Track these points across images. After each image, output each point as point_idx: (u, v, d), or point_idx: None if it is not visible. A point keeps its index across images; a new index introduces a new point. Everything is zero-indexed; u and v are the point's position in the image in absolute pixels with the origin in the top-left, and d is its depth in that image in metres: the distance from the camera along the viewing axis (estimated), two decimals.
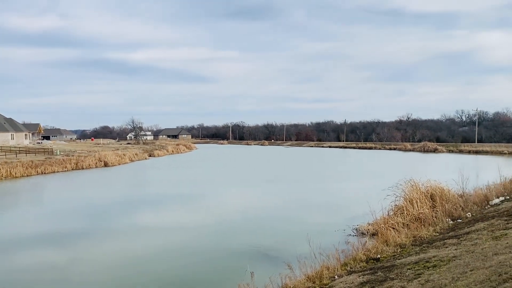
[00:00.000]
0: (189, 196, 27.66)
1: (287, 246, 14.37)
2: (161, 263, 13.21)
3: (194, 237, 16.48)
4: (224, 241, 15.74)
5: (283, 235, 16.22)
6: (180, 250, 14.76)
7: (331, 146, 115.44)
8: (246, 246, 14.76)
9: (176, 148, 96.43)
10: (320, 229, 17.26)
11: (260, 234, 16.73)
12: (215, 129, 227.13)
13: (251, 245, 14.79)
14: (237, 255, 13.59)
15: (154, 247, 15.03)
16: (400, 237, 14.02)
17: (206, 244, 15.37)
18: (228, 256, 13.52)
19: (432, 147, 79.75)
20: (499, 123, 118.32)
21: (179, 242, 15.87)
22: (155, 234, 17.17)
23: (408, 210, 17.69)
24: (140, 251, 14.62)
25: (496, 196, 19.75)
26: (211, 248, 14.72)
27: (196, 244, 15.48)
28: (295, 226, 18.02)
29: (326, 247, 13.49)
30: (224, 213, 21.55)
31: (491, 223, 12.78)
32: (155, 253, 14.25)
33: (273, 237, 16.02)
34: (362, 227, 16.99)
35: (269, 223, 18.93)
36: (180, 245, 15.35)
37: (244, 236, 16.42)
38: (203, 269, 12.49)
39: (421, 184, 20.10)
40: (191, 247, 15.03)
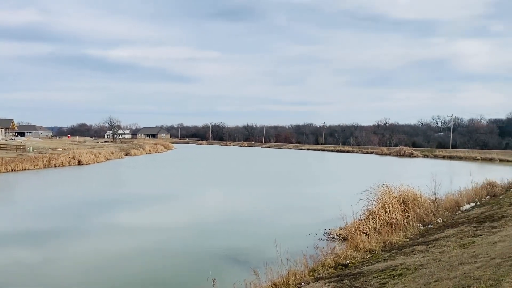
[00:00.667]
0: (160, 197, 27.05)
1: (256, 251, 14.05)
2: (119, 265, 12.72)
3: (161, 240, 16.00)
4: (191, 244, 15.32)
5: (253, 239, 15.90)
6: (144, 253, 14.27)
7: (309, 148, 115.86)
8: (214, 250, 14.37)
9: (154, 147, 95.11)
10: (292, 233, 17.03)
11: (230, 237, 16.37)
12: (195, 129, 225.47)
13: (220, 249, 14.42)
14: (203, 259, 13.18)
15: (114, 250, 14.51)
16: (371, 242, 13.87)
17: (172, 247, 14.93)
18: (194, 261, 13.07)
19: (408, 152, 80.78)
20: (473, 129, 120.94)
21: (144, 245, 15.36)
22: (119, 236, 16.63)
23: (380, 214, 17.62)
24: (101, 253, 14.09)
25: (467, 202, 19.89)
26: (176, 251, 14.29)
27: (163, 247, 15.02)
28: (266, 229, 17.72)
29: (296, 252, 13.23)
30: (193, 215, 21.09)
31: (460, 229, 12.75)
32: (116, 256, 13.74)
33: (243, 241, 15.69)
34: (334, 231, 16.82)
35: (240, 226, 18.59)
36: (144, 248, 14.85)
37: (213, 239, 16.01)
38: (165, 274, 12.04)
39: (394, 188, 20.09)
40: (156, 250, 14.57)
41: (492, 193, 21.48)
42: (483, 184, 23.26)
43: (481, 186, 22.76)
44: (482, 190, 21.81)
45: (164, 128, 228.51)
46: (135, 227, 18.24)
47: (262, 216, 21.20)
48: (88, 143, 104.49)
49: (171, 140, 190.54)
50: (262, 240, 15.43)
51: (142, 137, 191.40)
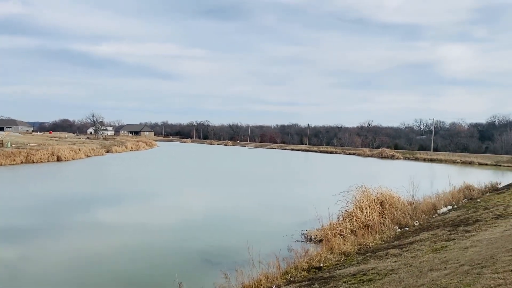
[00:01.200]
0: (133, 196, 26.45)
1: (230, 253, 13.75)
2: (78, 266, 12.32)
3: (129, 241, 15.54)
4: (162, 245, 14.91)
5: (228, 240, 15.59)
6: (110, 254, 13.84)
7: (293, 149, 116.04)
8: (185, 251, 14.00)
9: (136, 145, 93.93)
10: (268, 234, 16.81)
11: (204, 238, 16.01)
12: (180, 127, 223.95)
13: (191, 251, 14.07)
14: (173, 261, 12.78)
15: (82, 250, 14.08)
16: (346, 244, 13.72)
17: (142, 248, 14.46)
18: (162, 263, 12.63)
19: (390, 154, 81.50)
20: (455, 133, 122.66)
21: (112, 245, 14.93)
22: (82, 235, 16.17)
23: (357, 216, 17.53)
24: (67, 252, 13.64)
25: (445, 204, 19.96)
26: (145, 252, 13.83)
27: (131, 248, 14.55)
28: (243, 230, 17.46)
29: (270, 254, 12.98)
30: (166, 215, 20.64)
31: (435, 233, 12.69)
32: (76, 257, 13.32)
33: (217, 242, 15.36)
34: (310, 232, 16.65)
35: (216, 227, 18.25)
36: (111, 249, 14.42)
37: (186, 241, 15.61)
38: (131, 276, 11.63)
39: (372, 190, 20.05)
40: (124, 251, 14.14)
41: (469, 196, 21.62)
42: (460, 188, 23.40)
43: (458, 190, 22.90)
44: (460, 194, 21.93)
45: (148, 126, 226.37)
46: (103, 227, 17.78)
47: (239, 216, 20.92)
48: (69, 139, 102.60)
49: (154, 137, 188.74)
50: (237, 242, 15.12)
51: (125, 134, 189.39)
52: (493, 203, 16.89)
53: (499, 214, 13.23)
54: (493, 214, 13.63)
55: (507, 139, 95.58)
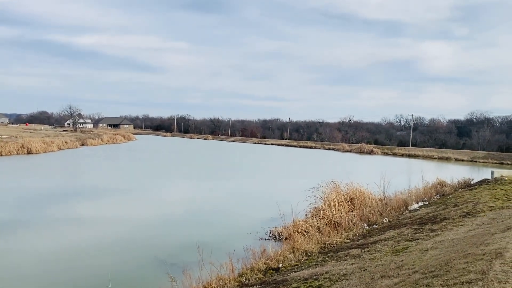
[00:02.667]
0: (89, 191, 25.32)
1: (182, 253, 12.80)
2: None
3: (62, 244, 14.59)
4: (108, 246, 13.86)
5: (187, 240, 14.59)
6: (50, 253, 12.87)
7: (273, 143, 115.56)
8: (133, 254, 12.93)
9: (113, 137, 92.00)
10: (232, 232, 16.04)
11: (161, 238, 15.06)
12: (160, 120, 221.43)
13: (137, 250, 13.10)
14: (110, 262, 11.73)
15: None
16: (309, 243, 13.05)
17: (83, 249, 13.50)
18: (95, 265, 11.56)
19: (368, 149, 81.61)
20: (433, 129, 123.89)
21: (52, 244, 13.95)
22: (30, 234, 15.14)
23: (325, 213, 16.91)
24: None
25: (416, 201, 19.52)
26: (85, 254, 12.81)
27: (62, 251, 13.62)
28: (205, 228, 16.60)
29: (230, 253, 12.21)
30: (123, 212, 19.55)
31: (401, 231, 12.11)
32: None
33: (175, 242, 14.42)
34: (277, 230, 15.89)
35: (177, 226, 17.30)
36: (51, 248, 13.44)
37: (136, 241, 14.46)
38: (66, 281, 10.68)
39: (343, 186, 19.46)
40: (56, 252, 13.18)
41: (442, 192, 21.26)
42: (433, 183, 23.07)
43: (431, 186, 22.55)
44: (432, 190, 21.56)
45: (128, 119, 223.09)
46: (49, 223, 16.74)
47: (204, 213, 19.97)
48: (45, 131, 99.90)
49: (134, 131, 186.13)
50: (196, 241, 14.14)
51: (103, 127, 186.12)
52: (464, 199, 16.47)
53: (468, 212, 12.74)
54: (462, 211, 13.13)
55: (483, 135, 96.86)
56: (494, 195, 15.75)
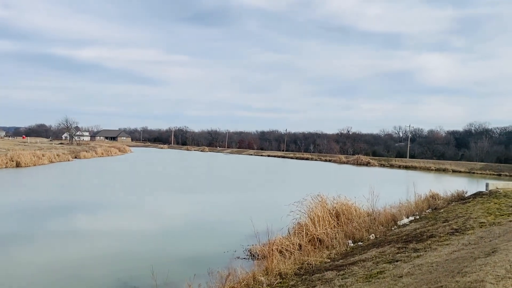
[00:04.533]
0: (68, 205, 24.39)
1: (142, 277, 11.75)
2: None
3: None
4: (81, 266, 12.97)
5: (148, 260, 13.58)
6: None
7: (270, 155, 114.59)
8: (108, 275, 12.06)
9: (107, 150, 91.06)
10: (207, 251, 14.99)
11: (132, 256, 14.06)
12: (158, 133, 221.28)
13: (110, 275, 12.14)
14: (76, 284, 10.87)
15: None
16: (287, 263, 12.05)
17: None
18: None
19: (365, 161, 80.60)
20: (432, 140, 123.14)
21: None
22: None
23: (308, 229, 15.91)
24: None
25: (406, 215, 18.51)
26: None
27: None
28: (176, 247, 15.53)
29: (202, 275, 11.26)
30: (98, 228, 18.58)
31: (383, 250, 11.13)
32: None
33: (149, 260, 13.36)
34: (255, 248, 14.83)
35: (152, 242, 16.25)
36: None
37: (113, 261, 13.60)
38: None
39: (330, 200, 18.49)
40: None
41: (434, 206, 20.24)
42: (426, 197, 22.07)
43: (423, 199, 21.56)
44: (424, 203, 20.54)
45: (126, 131, 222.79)
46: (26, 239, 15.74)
47: (178, 229, 18.74)
48: (40, 144, 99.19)
49: (131, 143, 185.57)
50: (158, 262, 13.18)
51: (101, 140, 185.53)
52: (455, 214, 15.49)
53: (456, 229, 11.77)
54: (450, 228, 12.16)
55: (482, 146, 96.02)
56: (487, 210, 14.78)
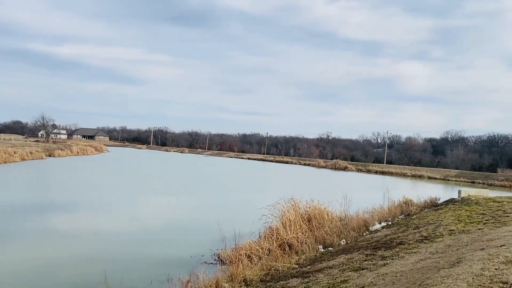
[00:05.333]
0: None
1: (109, 280, 11.21)
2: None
3: None
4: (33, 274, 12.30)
5: (120, 263, 13.04)
6: None
7: (250, 158, 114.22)
8: (55, 281, 11.41)
9: (83, 149, 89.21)
10: (173, 255, 14.46)
11: (86, 260, 13.30)
12: (138, 132, 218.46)
13: (57, 281, 11.49)
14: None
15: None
16: (254, 269, 11.69)
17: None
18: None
19: (343, 165, 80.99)
20: (409, 146, 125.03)
21: None
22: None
23: (279, 233, 15.56)
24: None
25: (379, 221, 18.39)
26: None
27: None
28: (140, 250, 14.91)
29: (160, 281, 10.76)
30: (51, 229, 17.78)
31: (351, 257, 10.85)
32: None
33: (104, 265, 12.75)
34: (224, 252, 14.35)
35: (111, 245, 15.47)
36: None
37: (63, 265, 12.75)
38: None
39: (303, 204, 18.21)
40: None
41: (407, 212, 20.18)
42: (399, 202, 22.03)
43: (397, 205, 21.49)
44: (397, 209, 20.45)
45: (105, 130, 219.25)
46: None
47: (147, 231, 18.08)
48: (14, 141, 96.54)
49: (109, 142, 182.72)
50: (123, 267, 12.60)
51: (78, 138, 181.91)
52: (426, 221, 15.38)
53: (426, 236, 11.59)
54: (420, 235, 11.98)
55: (457, 154, 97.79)
56: (458, 217, 14.71)
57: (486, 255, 6.05)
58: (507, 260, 5.44)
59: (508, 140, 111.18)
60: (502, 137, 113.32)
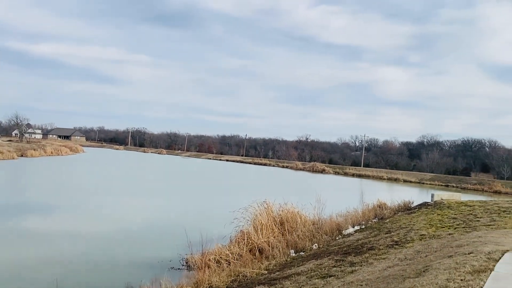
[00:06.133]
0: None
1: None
2: None
3: None
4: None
5: (76, 270, 12.39)
6: None
7: (228, 159, 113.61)
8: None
9: (57, 149, 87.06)
10: (139, 261, 13.93)
11: (37, 266, 12.65)
12: (115, 133, 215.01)
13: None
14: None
15: None
16: (221, 275, 11.29)
17: None
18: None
19: (320, 168, 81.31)
20: (386, 150, 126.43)
21: None
22: None
23: (250, 237, 15.18)
24: None
25: (352, 224, 18.22)
26: None
27: None
28: (105, 255, 14.32)
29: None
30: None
31: (321, 263, 10.57)
32: None
33: (60, 271, 12.16)
34: (192, 258, 13.88)
35: (69, 250, 14.81)
36: None
37: (11, 271, 12.21)
38: None
39: (277, 207, 17.87)
40: None
41: (380, 215, 20.09)
42: (373, 206, 21.94)
43: (371, 208, 21.39)
44: (371, 212, 20.34)
45: (82, 131, 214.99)
46: None
47: (112, 235, 17.40)
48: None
49: (86, 143, 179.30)
50: (79, 274, 11.99)
51: (53, 138, 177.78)
52: (399, 225, 15.26)
53: (397, 241, 11.41)
54: (391, 239, 11.80)
55: (432, 158, 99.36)
56: (430, 221, 14.64)
57: (453, 263, 5.82)
58: (474, 269, 5.22)
59: (481, 144, 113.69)
60: (476, 141, 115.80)
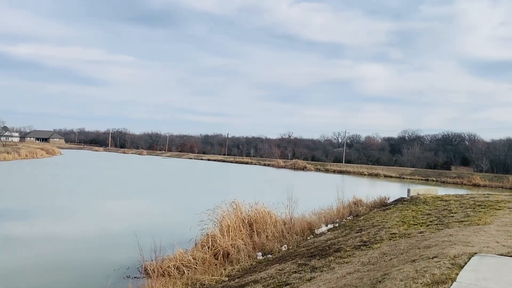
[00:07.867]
0: None
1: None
2: None
3: None
4: None
5: (22, 279, 11.42)
6: None
7: (210, 159, 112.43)
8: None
9: (32, 152, 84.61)
10: (94, 269, 12.92)
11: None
12: (96, 134, 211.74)
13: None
14: None
15: None
16: (176, 284, 10.40)
17: None
18: None
19: (302, 165, 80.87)
20: (368, 146, 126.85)
21: None
22: None
23: (216, 240, 14.28)
24: None
25: (326, 223, 17.48)
26: None
27: None
28: (53, 262, 13.33)
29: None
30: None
31: (283, 267, 9.75)
32: None
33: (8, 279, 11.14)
34: (151, 264, 12.89)
35: (19, 256, 13.92)
36: None
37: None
38: None
39: (246, 207, 17.00)
40: None
41: (356, 212, 19.41)
42: (349, 203, 21.25)
43: (346, 205, 20.69)
44: (346, 210, 19.65)
45: (61, 133, 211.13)
46: None
47: (65, 239, 16.37)
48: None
49: (66, 145, 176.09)
50: (33, 283, 11.04)
51: (31, 141, 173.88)
52: (371, 222, 14.56)
53: (366, 241, 10.66)
54: (360, 240, 11.05)
55: (413, 152, 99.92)
56: (403, 218, 13.96)
57: (413, 271, 5.05)
58: (433, 280, 4.45)
59: (461, 138, 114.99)
60: (456, 135, 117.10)
